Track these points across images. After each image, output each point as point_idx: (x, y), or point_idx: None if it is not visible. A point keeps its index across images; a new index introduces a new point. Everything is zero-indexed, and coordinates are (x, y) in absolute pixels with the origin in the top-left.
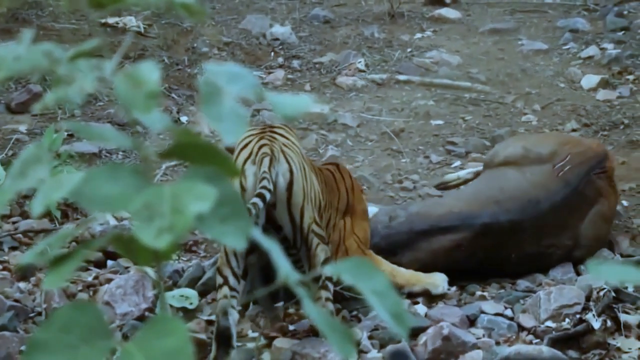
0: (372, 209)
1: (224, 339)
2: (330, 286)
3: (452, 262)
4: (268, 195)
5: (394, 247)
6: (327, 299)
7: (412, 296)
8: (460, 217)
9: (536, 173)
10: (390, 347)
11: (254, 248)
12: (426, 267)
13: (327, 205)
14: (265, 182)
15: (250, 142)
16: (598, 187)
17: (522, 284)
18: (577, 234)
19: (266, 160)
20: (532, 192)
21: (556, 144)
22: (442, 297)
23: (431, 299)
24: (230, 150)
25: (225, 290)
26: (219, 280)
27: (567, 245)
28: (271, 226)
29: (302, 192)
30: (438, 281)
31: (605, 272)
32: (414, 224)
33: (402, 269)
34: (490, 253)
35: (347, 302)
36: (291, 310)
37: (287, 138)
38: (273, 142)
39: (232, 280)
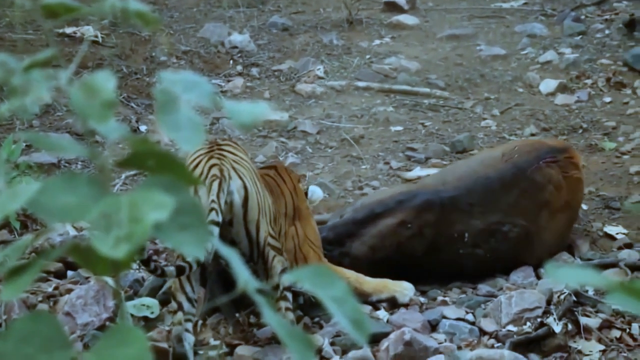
0: (316, 190)
1: None
2: (289, 296)
3: (402, 245)
4: (217, 231)
5: (340, 238)
6: (287, 309)
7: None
8: (401, 197)
9: (486, 157)
10: (352, 353)
11: (205, 267)
12: (375, 251)
13: (276, 215)
14: (213, 215)
15: (200, 161)
16: (550, 175)
17: (483, 288)
18: (533, 218)
19: (215, 185)
20: (481, 170)
21: (505, 147)
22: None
23: (393, 304)
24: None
25: (179, 316)
26: (173, 305)
27: (523, 225)
28: (225, 242)
29: (257, 207)
30: (405, 289)
31: (564, 276)
32: (358, 213)
33: (368, 278)
34: (438, 230)
35: (309, 309)
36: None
37: (235, 154)
38: (222, 160)
39: (186, 305)
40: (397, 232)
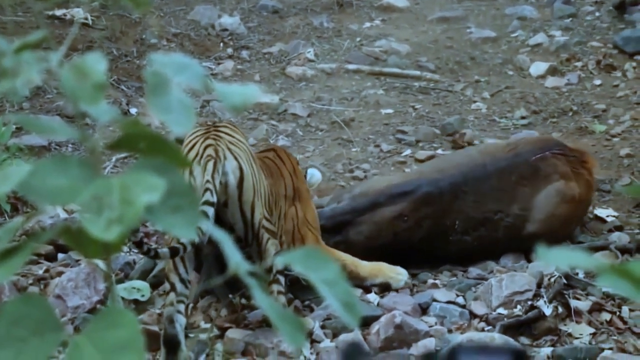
0: (315, 173)
1: (171, 345)
2: (282, 279)
3: (398, 234)
4: (211, 211)
5: (338, 226)
6: (279, 292)
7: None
8: (400, 188)
9: (489, 146)
10: (342, 336)
11: (200, 249)
12: (371, 240)
13: (276, 197)
14: (208, 195)
15: (196, 142)
16: (555, 165)
17: (474, 271)
18: (530, 206)
19: (210, 166)
20: (478, 158)
21: (512, 139)
22: None
23: (385, 288)
24: (179, 142)
25: (172, 296)
26: (166, 286)
27: (517, 214)
28: (221, 224)
29: (252, 189)
30: (399, 274)
31: (554, 258)
32: (356, 202)
33: (364, 262)
34: (436, 221)
35: (300, 291)
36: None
37: (232, 136)
38: (218, 141)
39: (179, 286)
40: (394, 225)
